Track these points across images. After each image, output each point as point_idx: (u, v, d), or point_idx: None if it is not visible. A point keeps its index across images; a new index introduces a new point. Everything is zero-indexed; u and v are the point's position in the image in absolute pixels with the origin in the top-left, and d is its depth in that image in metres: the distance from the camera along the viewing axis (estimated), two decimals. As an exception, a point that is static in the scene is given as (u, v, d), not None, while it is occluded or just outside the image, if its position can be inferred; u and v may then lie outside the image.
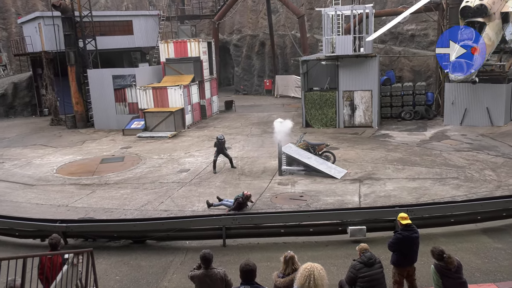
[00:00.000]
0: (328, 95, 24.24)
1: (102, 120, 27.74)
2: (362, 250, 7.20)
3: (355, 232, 10.45)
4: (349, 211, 11.09)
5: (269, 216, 11.05)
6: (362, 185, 14.74)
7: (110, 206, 14.02)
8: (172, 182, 16.18)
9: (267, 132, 23.99)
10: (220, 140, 17.24)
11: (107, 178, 17.27)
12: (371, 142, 20.79)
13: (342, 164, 16.96)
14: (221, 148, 17.29)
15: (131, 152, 21.33)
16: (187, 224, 10.90)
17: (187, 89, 26.69)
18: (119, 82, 27.45)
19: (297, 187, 14.96)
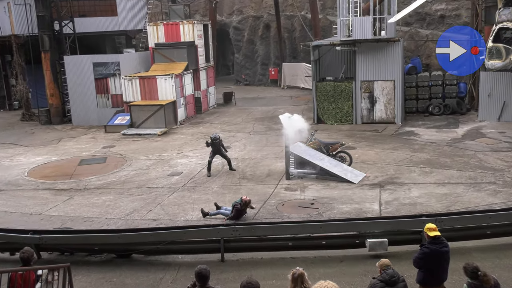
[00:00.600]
0: (343, 86, 24.21)
1: (81, 115, 27.81)
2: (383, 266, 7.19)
3: (375, 245, 10.43)
4: (368, 221, 11.07)
5: (275, 226, 11.05)
6: (383, 191, 14.72)
7: (90, 215, 14.04)
8: (162, 187, 16.20)
9: (272, 129, 23.98)
10: (215, 141, 17.22)
11: (87, 182, 17.31)
12: (394, 140, 20.75)
13: (359, 167, 16.93)
14: (217, 148, 17.29)
15: (115, 152, 21.38)
16: (179, 236, 10.91)
17: (179, 79, 26.72)
18: (101, 70, 27.50)
19: (307, 193, 14.95)
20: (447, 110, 25.22)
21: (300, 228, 10.93)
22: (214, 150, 17.30)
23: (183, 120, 26.97)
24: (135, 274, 10.45)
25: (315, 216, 13.03)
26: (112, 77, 27.51)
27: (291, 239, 10.90)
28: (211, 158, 17.29)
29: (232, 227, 10.79)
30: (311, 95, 25.93)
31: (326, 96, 24.44)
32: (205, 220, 13.12)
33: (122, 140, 23.80)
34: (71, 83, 27.75)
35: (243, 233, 10.78)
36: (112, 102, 27.93)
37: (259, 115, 28.09)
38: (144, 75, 26.86)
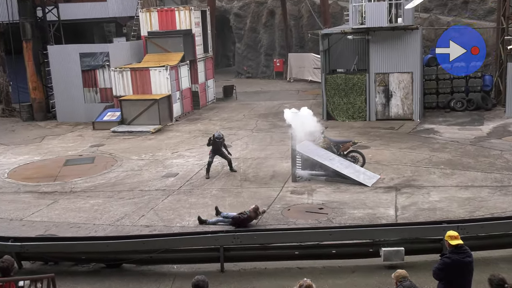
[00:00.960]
0: (355, 79, 24.19)
1: (67, 111, 27.86)
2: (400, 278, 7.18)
3: (391, 255, 10.42)
4: (383, 228, 11.06)
5: (280, 233, 11.05)
6: (400, 195, 14.70)
7: (76, 220, 14.07)
8: (156, 190, 16.23)
9: (277, 126, 23.97)
10: (218, 140, 17.23)
11: (73, 184, 17.35)
12: (411, 139, 20.73)
13: (373, 168, 16.92)
14: (217, 148, 17.31)
15: (104, 152, 21.41)
16: (175, 244, 10.92)
17: (175, 70, 26.75)
18: (89, 62, 27.54)
19: (316, 197, 14.95)
20: (471, 105, 25.15)
21: (307, 235, 10.92)
22: (214, 149, 17.30)
23: (179, 116, 27.00)
24: (126, 286, 10.45)
25: (324, 222, 13.01)
26: (101, 69, 27.53)
27: (298, 247, 10.89)
28: (211, 158, 17.30)
29: (233, 234, 10.80)
30: (320, 89, 25.91)
31: (336, 90, 24.42)
32: (203, 227, 13.12)
33: (112, 138, 23.83)
34: (55, 76, 27.79)
35: (245, 240, 10.78)
36: (101, 97, 27.97)
37: (263, 110, 28.09)
38: (136, 66, 26.89)
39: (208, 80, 31.04)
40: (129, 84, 26.36)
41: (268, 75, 40.83)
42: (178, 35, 28.01)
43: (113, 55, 27.31)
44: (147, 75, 26.14)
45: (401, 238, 10.68)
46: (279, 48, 40.31)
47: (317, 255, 10.95)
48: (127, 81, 26.38)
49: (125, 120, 25.50)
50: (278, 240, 10.94)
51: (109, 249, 10.96)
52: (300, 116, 16.16)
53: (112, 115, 26.06)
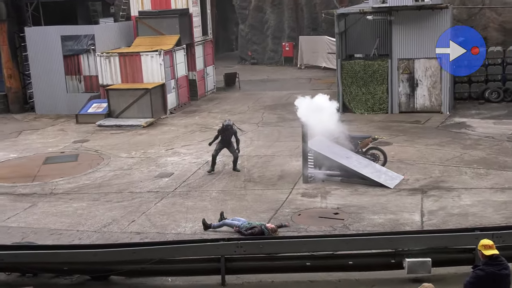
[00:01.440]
0: (376, 66, 24.12)
1: (47, 102, 27.92)
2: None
3: (415, 266, 10.41)
4: (407, 235, 11.03)
5: (289, 242, 11.05)
6: (426, 198, 14.67)
7: (58, 226, 14.11)
8: (148, 192, 16.26)
9: (286, 119, 23.94)
10: (227, 126, 17.28)
11: (54, 185, 17.40)
12: (440, 134, 20.68)
13: (396, 167, 16.88)
14: (228, 139, 17.30)
15: (89, 148, 21.46)
16: (169, 253, 10.94)
17: (169, 56, 26.76)
18: (71, 46, 27.58)
19: (330, 200, 14.95)
20: (508, 96, 25.05)
21: (320, 244, 10.91)
22: (224, 141, 17.34)
23: (174, 108, 27.01)
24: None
25: (340, 229, 13.00)
26: (85, 54, 27.56)
27: (310, 257, 10.89)
28: (217, 152, 17.38)
29: (236, 242, 10.80)
30: (335, 77, 25.84)
31: (354, 79, 24.36)
32: (202, 234, 13.14)
33: (98, 133, 23.87)
34: (33, 62, 27.84)
35: (249, 250, 10.78)
36: (85, 86, 28.00)
37: (270, 102, 28.05)
38: (125, 51, 26.90)
39: (207, 67, 31.03)
40: (117, 71, 26.38)
41: (276, 61, 40.74)
42: (173, 15, 27.99)
43: (99, 38, 27.32)
44: (138, 61, 26.14)
45: (428, 248, 10.66)
46: (288, 30, 40.21)
47: (332, 267, 10.94)
48: (115, 68, 26.39)
49: (112, 112, 25.53)
50: (287, 249, 10.94)
51: (95, 259, 10.98)
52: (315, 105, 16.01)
53: (98, 106, 26.09)
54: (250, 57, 41.77)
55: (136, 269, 11.02)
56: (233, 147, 17.63)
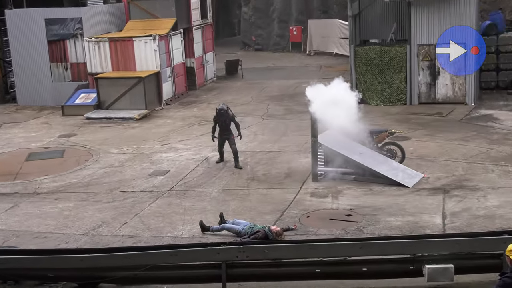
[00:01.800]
0: (393, 52, 24.07)
1: (30, 92, 27.93)
2: (448, 302, 7.17)
3: (437, 273, 10.40)
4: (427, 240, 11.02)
5: (297, 246, 11.05)
6: (448, 198, 14.65)
7: (42, 229, 14.13)
8: (142, 192, 16.28)
9: (293, 111, 23.92)
10: (221, 111, 17.43)
11: (38, 184, 17.43)
12: (464, 128, 20.64)
13: (415, 164, 16.86)
14: (226, 127, 17.42)
15: (76, 143, 21.49)
16: (165, 258, 10.95)
17: (165, 41, 26.74)
18: (57, 30, 27.58)
19: (342, 201, 14.94)
20: (540, 85, 25.00)
21: (332, 248, 10.91)
22: (222, 129, 17.44)
23: (170, 99, 27.01)
24: (104, 311, 10.55)
25: (353, 233, 13.01)
26: (72, 39, 27.57)
27: (319, 264, 10.89)
28: (221, 146, 17.70)
29: (238, 247, 10.81)
30: (348, 65, 25.79)
31: (369, 66, 24.32)
32: (201, 237, 13.16)
33: (86, 126, 23.90)
34: (15, 48, 27.84)
35: (253, 255, 10.79)
36: (72, 74, 28.03)
37: (276, 92, 28.02)
38: (116, 36, 26.90)
39: (206, 53, 31.01)
40: (108, 58, 26.38)
41: (282, 47, 40.69)
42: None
43: (87, 22, 27.33)
44: (130, 47, 26.14)
45: (450, 253, 10.65)
46: (296, 13, 40.15)
47: (344, 274, 10.93)
48: (105, 54, 26.39)
49: (102, 103, 25.54)
50: (295, 255, 10.94)
51: (83, 265, 11.00)
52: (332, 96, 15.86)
53: (86, 97, 26.11)
54: (254, 43, 41.71)
55: (129, 276, 11.03)
56: (233, 139, 17.66)
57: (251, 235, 12.62)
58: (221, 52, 37.61)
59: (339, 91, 15.89)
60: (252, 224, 13.05)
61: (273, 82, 30.08)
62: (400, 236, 11.87)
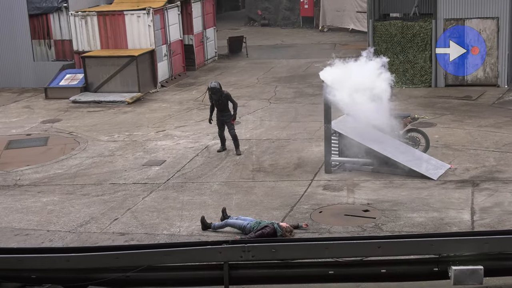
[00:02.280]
0: (416, 28, 24.03)
1: (9, 72, 28.02)
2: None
3: (464, 275, 10.42)
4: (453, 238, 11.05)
5: (308, 245, 11.08)
6: (478, 192, 14.66)
7: (24, 225, 14.20)
8: (134, 184, 16.35)
9: (304, 94, 23.91)
10: (214, 89, 17.63)
11: (19, 175, 17.51)
12: (496, 113, 20.64)
13: (441, 154, 16.86)
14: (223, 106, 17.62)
15: (61, 130, 21.56)
16: (160, 258, 11.00)
17: (160, 15, 26.73)
18: (39, 2, 27.60)
19: (359, 195, 14.97)
20: None
21: (346, 248, 10.94)
22: (219, 110, 17.63)
23: (166, 81, 27.04)
24: (92, 316, 10.62)
25: (371, 230, 13.03)
26: (56, 12, 27.59)
27: (333, 265, 10.93)
28: (221, 130, 17.80)
29: (242, 245, 10.84)
30: (366, 42, 25.74)
31: (389, 44, 24.28)
32: (200, 235, 13.22)
33: (72, 110, 23.96)
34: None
35: (259, 254, 10.82)
36: (57, 52, 28.07)
37: (284, 72, 28.01)
38: (105, 10, 26.90)
39: (207, 29, 31.00)
40: (96, 34, 26.41)
41: (292, 22, 40.64)
42: (164, -35, 27.97)
43: (73, -6, 27.37)
44: (121, 22, 26.15)
45: (480, 253, 10.69)
46: (307, -17, 40.11)
47: (360, 276, 10.97)
48: (93, 30, 26.42)
49: (90, 85, 25.59)
50: (306, 255, 10.97)
51: (70, 266, 11.05)
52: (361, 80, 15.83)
53: (72, 78, 26.16)
54: (260, 17, 41.65)
55: (120, 278, 11.08)
56: (230, 123, 17.82)
57: (258, 231, 12.68)
58: (224, 28, 37.60)
59: (369, 72, 15.89)
60: (259, 220, 13.11)
61: (282, 62, 30.07)
62: (424, 234, 11.89)
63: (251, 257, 10.76)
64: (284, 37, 37.10)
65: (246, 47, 32.67)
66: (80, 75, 25.89)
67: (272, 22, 41.19)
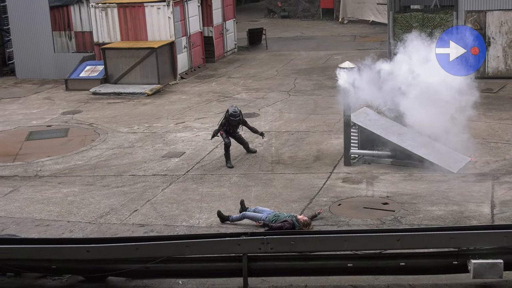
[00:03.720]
0: (437, 20, 23.89)
1: (30, 64, 28.15)
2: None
3: (483, 269, 10.37)
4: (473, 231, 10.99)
5: (327, 238, 11.08)
6: (498, 185, 14.57)
7: (44, 216, 14.29)
8: (154, 176, 16.39)
9: (323, 86, 23.85)
10: (234, 119, 16.69)
11: (39, 166, 17.60)
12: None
13: (461, 147, 16.77)
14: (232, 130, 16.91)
15: (81, 121, 21.66)
16: (180, 250, 11.03)
17: (180, 7, 26.74)
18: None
19: (378, 187, 14.94)
20: None
21: (365, 240, 10.93)
22: (227, 130, 16.91)
23: (186, 72, 27.07)
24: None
25: (390, 223, 13.00)
26: (77, 4, 27.68)
27: (352, 257, 10.92)
28: (227, 139, 16.86)
29: (261, 238, 10.85)
30: (386, 34, 25.62)
31: (410, 36, 24.17)
32: (219, 227, 13.24)
33: (93, 102, 24.06)
34: (14, 14, 28.02)
35: (278, 247, 10.83)
36: (77, 44, 28.17)
37: (304, 65, 27.94)
38: (125, 1, 26.92)
39: (227, 21, 30.97)
40: (116, 26, 26.47)
41: (312, 13, 40.53)
42: (184, -44, 27.97)
43: (94, -14, 27.42)
44: (141, 14, 26.19)
45: (499, 247, 10.62)
46: (328, -25, 39.95)
47: (379, 269, 10.95)
48: (113, 22, 26.47)
49: (110, 77, 25.67)
50: (325, 247, 10.97)
51: (89, 256, 11.11)
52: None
53: (92, 70, 26.25)
54: (280, 9, 41.57)
55: (140, 269, 11.14)
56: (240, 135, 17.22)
57: (278, 223, 12.69)
58: (243, 19, 37.56)
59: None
60: (277, 213, 13.10)
61: (301, 54, 29.99)
62: (443, 227, 11.85)
63: (269, 249, 10.77)
64: (304, 29, 37.01)
65: (266, 39, 32.62)
66: (100, 67, 25.97)
67: (292, 14, 41.10)
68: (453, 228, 11.45)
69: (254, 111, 21.06)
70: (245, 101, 22.34)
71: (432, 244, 10.83)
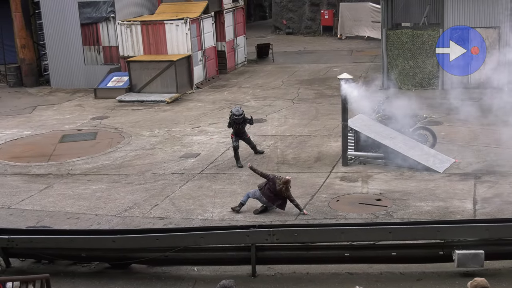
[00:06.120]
0: (425, 36, 23.80)
1: (63, 75, 28.24)
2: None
3: (466, 259, 10.36)
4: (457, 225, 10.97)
5: (326, 230, 11.08)
6: (480, 184, 14.54)
7: (75, 210, 14.37)
8: (172, 174, 16.43)
9: (324, 95, 23.82)
10: (238, 117, 16.65)
11: (71, 165, 17.68)
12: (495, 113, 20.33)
13: (446, 149, 16.73)
14: (239, 129, 16.85)
15: (108, 125, 21.71)
16: (195, 240, 11.06)
17: (196, 24, 26.78)
18: (90, 13, 27.75)
19: (372, 185, 14.93)
20: None
21: (361, 233, 10.92)
22: (236, 131, 16.83)
23: (201, 83, 27.09)
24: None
25: (383, 217, 13.00)
26: (105, 22, 27.73)
27: (349, 248, 10.92)
28: (236, 142, 16.84)
29: (268, 230, 10.87)
30: (380, 49, 25.57)
31: (401, 50, 24.09)
32: (230, 220, 13.26)
33: (118, 109, 24.11)
34: (49, 31, 28.11)
35: (283, 238, 10.84)
36: (105, 57, 28.23)
37: (307, 76, 27.92)
38: (148, 19, 26.99)
39: (238, 37, 30.97)
40: (139, 41, 26.52)
41: (313, 30, 40.45)
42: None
43: (120, 5, 27.45)
44: (162, 31, 26.23)
45: (481, 239, 10.59)
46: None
47: (373, 258, 10.95)
48: (137, 37, 26.53)
49: (134, 86, 25.72)
50: (324, 238, 10.98)
51: (115, 246, 11.16)
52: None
53: (118, 80, 26.31)
54: (285, 26, 41.53)
55: (159, 257, 11.17)
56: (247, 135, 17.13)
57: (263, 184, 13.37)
58: (252, 35, 37.56)
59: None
60: None
61: (304, 66, 29.97)
62: (430, 221, 11.84)
63: (275, 240, 10.82)
64: (306, 44, 36.98)
65: (273, 53, 32.61)
66: (125, 78, 26.03)
67: (295, 31, 41.05)
68: (439, 222, 11.45)
69: (262, 117, 21.07)
70: (254, 108, 22.34)
71: (420, 236, 10.83)
